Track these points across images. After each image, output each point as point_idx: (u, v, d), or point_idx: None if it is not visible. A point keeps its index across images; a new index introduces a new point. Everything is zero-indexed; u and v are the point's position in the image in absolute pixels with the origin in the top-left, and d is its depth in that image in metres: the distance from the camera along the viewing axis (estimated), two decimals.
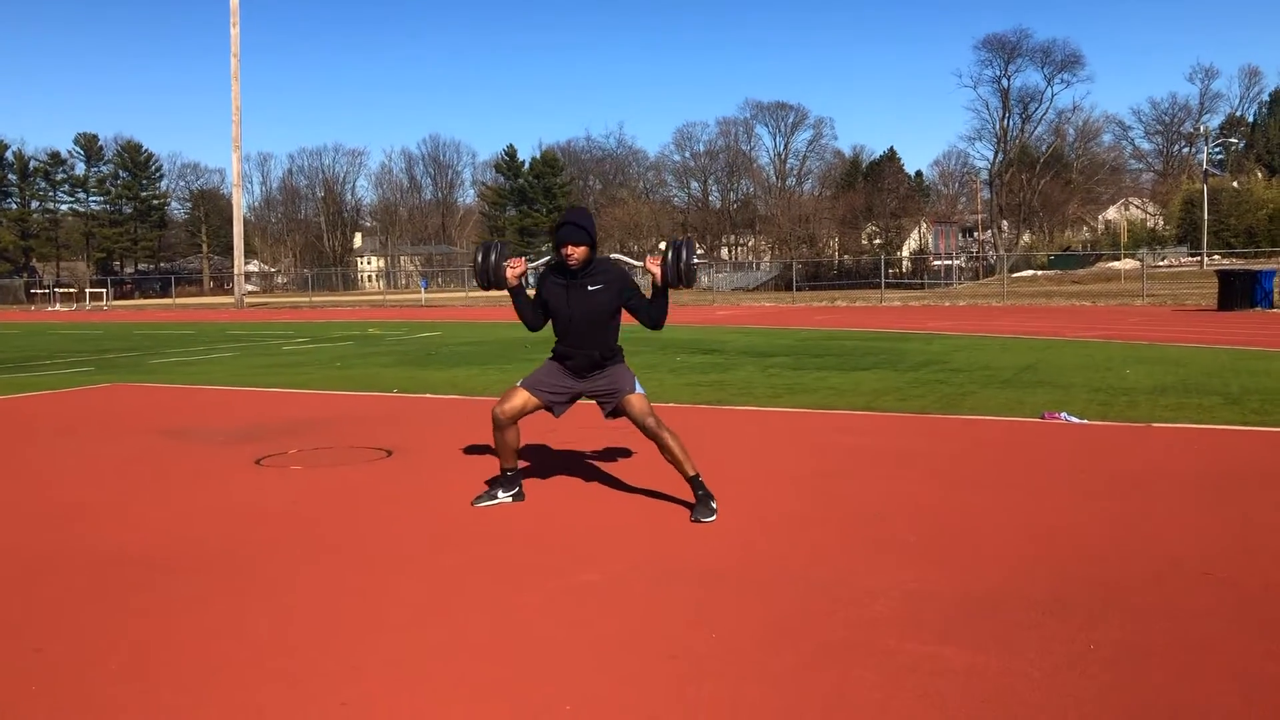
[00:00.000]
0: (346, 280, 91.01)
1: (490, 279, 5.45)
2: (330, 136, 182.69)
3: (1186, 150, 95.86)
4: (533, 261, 5.62)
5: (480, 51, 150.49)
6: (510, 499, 5.54)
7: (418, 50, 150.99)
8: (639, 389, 5.32)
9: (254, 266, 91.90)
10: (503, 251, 5.49)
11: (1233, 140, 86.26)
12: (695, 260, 5.26)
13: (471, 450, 7.22)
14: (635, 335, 19.76)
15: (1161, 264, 49.09)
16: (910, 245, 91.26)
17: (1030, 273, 56.10)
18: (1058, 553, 4.45)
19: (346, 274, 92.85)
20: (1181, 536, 4.65)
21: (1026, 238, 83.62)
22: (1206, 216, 67.85)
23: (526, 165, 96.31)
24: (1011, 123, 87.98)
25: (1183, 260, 64.10)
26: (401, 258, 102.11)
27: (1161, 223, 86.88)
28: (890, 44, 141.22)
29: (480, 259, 5.45)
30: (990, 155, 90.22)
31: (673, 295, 5.75)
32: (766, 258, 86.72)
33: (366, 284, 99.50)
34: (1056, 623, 3.59)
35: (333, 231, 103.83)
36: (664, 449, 5.21)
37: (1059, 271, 61.06)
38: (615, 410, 5.34)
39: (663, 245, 5.38)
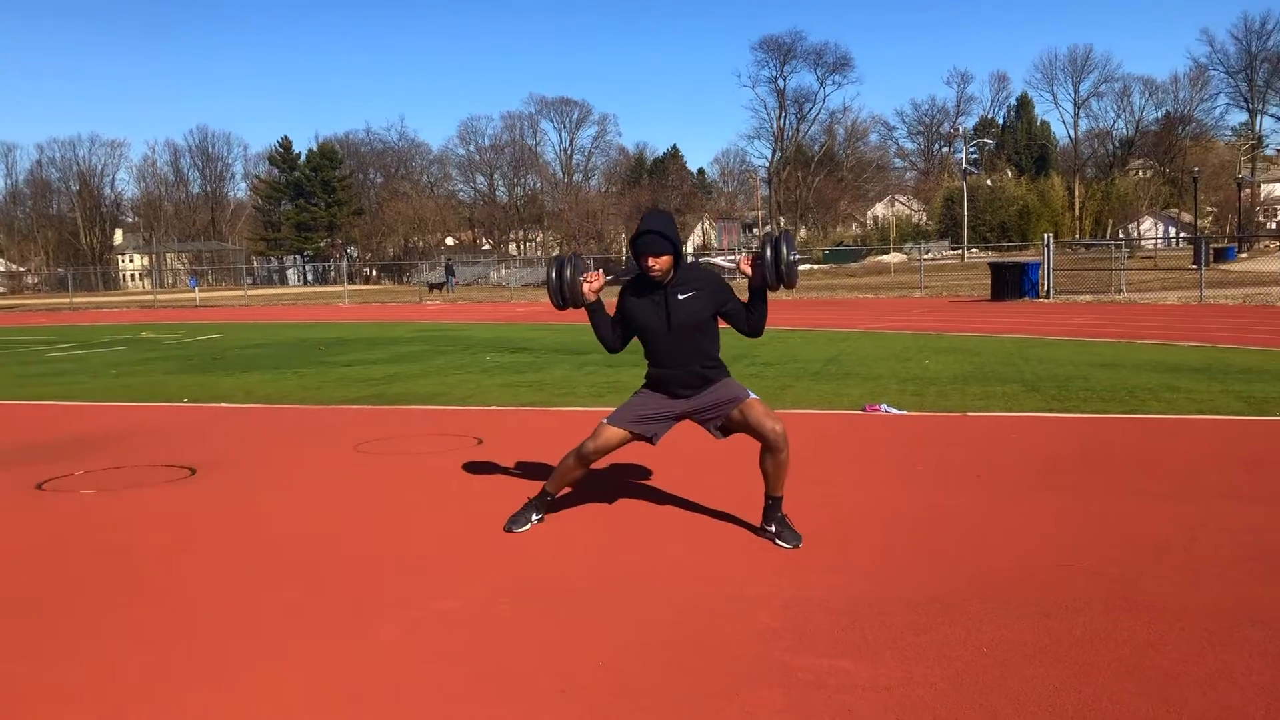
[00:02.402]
0: (108, 279, 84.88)
1: (566, 297, 4.80)
2: (86, 126, 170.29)
3: (945, 150, 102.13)
4: (610, 274, 4.95)
5: (251, 38, 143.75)
6: (538, 521, 4.97)
7: (184, 35, 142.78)
8: (752, 395, 4.77)
9: (1, 266, 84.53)
10: (577, 265, 4.84)
11: (987, 141, 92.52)
12: (796, 255, 4.68)
13: (285, 464, 6.68)
14: (443, 333, 19.28)
15: (927, 257, 51.89)
16: (694, 241, 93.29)
17: (808, 266, 58.28)
18: (921, 549, 4.43)
19: (107, 273, 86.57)
20: (1029, 527, 4.73)
21: (803, 233, 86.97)
22: (966, 212, 72.37)
23: (303, 158, 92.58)
24: (787, 122, 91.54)
25: (945, 254, 68.11)
26: (168, 255, 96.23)
27: (925, 218, 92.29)
28: (673, 43, 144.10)
29: (555, 276, 4.80)
30: (768, 153, 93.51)
31: (462, 293, 5.27)
32: (555, 253, 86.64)
33: (130, 283, 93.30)
34: (944, 625, 3.53)
35: (90, 228, 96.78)
36: (777, 461, 4.64)
37: (834, 265, 63.82)
38: (728, 426, 4.77)
39: (756, 244, 4.78)
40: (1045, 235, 26.39)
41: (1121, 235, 75.02)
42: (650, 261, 4.55)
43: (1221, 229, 77.04)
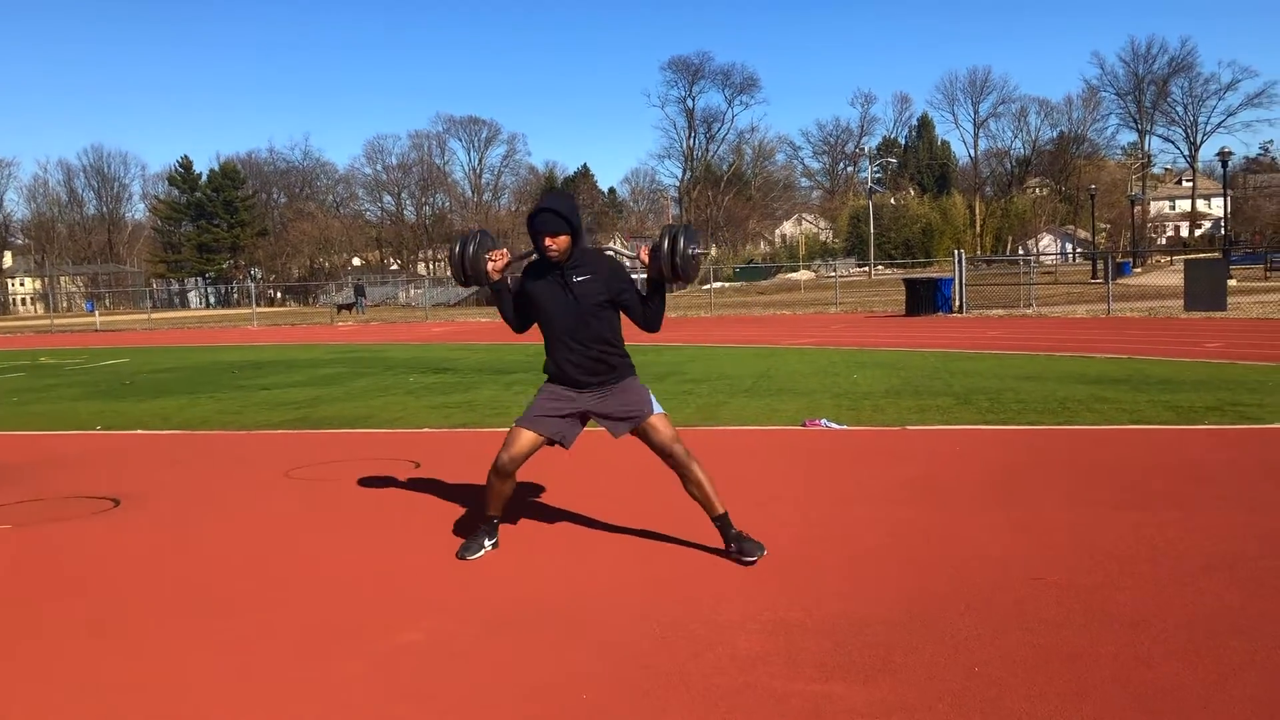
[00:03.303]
0: None
1: (468, 273, 4.67)
2: None
3: (850, 169, 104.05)
4: (519, 256, 4.73)
5: (149, 54, 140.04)
6: (492, 547, 4.77)
7: (78, 49, 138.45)
8: (658, 408, 4.64)
9: None
10: (482, 242, 4.70)
11: (891, 160, 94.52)
12: (697, 250, 4.51)
13: (215, 493, 6.37)
14: (361, 354, 18.82)
15: (832, 274, 52.70)
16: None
17: (720, 284, 58.71)
18: (889, 565, 4.37)
19: None
20: (993, 540, 4.70)
21: (713, 251, 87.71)
22: (873, 230, 73.76)
23: (204, 178, 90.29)
24: (697, 141, 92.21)
25: (852, 271, 69.28)
26: (62, 278, 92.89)
27: (832, 236, 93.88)
28: (582, 63, 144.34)
29: (457, 250, 4.67)
30: (679, 172, 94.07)
31: (373, 313, 5.06)
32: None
33: (21, 307, 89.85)
34: (930, 645, 3.45)
35: None
36: (691, 483, 4.56)
37: (744, 283, 64.44)
38: (631, 428, 4.62)
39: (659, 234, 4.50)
40: (956, 251, 26.96)
41: (1021, 251, 77.24)
42: (548, 241, 4.42)
43: (1116, 245, 79.76)
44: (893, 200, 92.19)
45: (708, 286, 47.02)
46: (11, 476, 7.15)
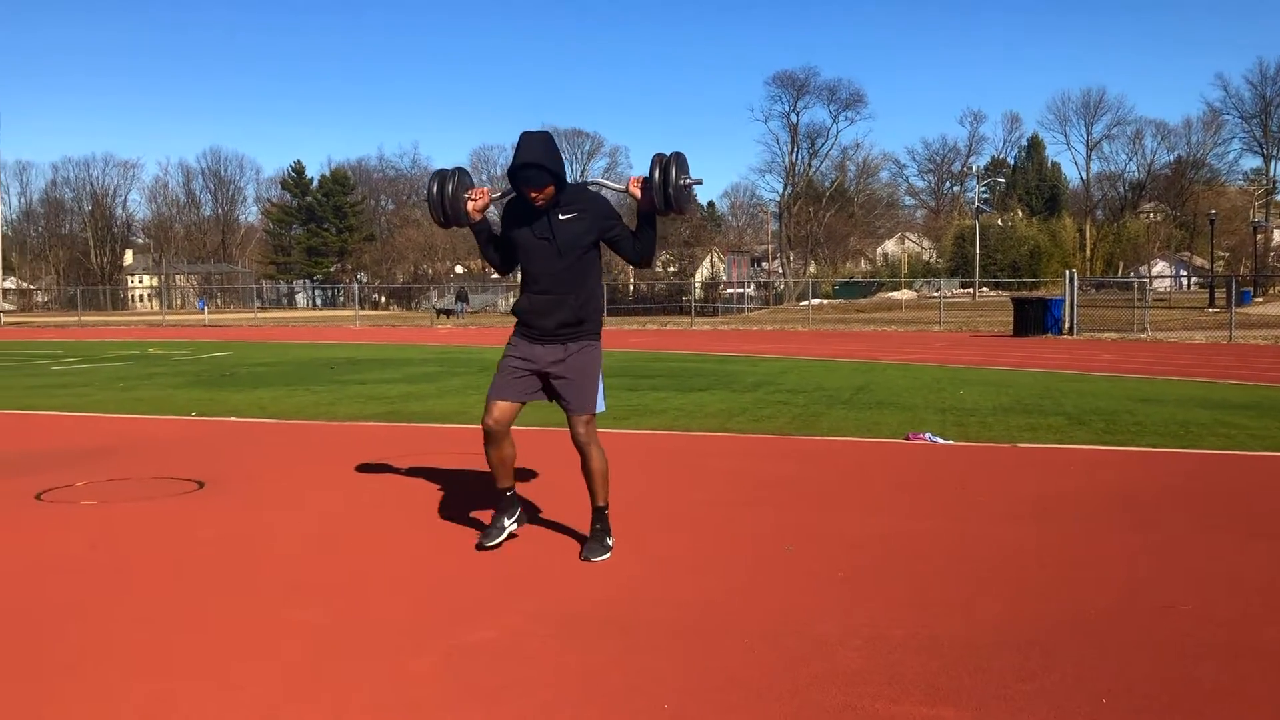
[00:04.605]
0: (116, 299, 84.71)
1: (447, 212, 4.49)
2: (100, 146, 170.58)
3: (956, 188, 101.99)
4: (498, 192, 4.57)
5: (267, 62, 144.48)
6: (516, 526, 4.63)
7: (199, 57, 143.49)
8: (600, 406, 4.47)
9: (12, 284, 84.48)
10: (461, 180, 4.53)
11: (999, 179, 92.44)
12: (689, 180, 4.32)
13: (300, 479, 6.28)
14: (455, 356, 18.92)
15: (935, 294, 51.54)
16: (702, 273, 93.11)
17: (818, 301, 57.97)
18: (1002, 585, 4.01)
19: (116, 293, 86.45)
20: (1118, 564, 4.31)
21: (812, 268, 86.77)
22: (978, 251, 72.16)
23: (315, 183, 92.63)
24: (799, 157, 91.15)
25: (955, 291, 67.85)
26: (177, 277, 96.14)
27: (935, 256, 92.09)
28: (686, 77, 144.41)
29: (435, 190, 4.49)
30: (779, 188, 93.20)
31: (472, 319, 4.88)
32: None
33: (138, 304, 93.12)
34: (1049, 672, 3.11)
35: (101, 248, 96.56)
36: (586, 463, 4.45)
37: (844, 300, 63.50)
38: (558, 401, 4.47)
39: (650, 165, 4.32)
40: (1068, 272, 26.01)
41: (1133, 276, 74.74)
42: (533, 194, 4.26)
43: (1235, 273, 76.70)
44: (1000, 221, 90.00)
45: (805, 302, 46.35)
46: (105, 457, 7.18)
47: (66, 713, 2.85)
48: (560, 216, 4.32)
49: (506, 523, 4.59)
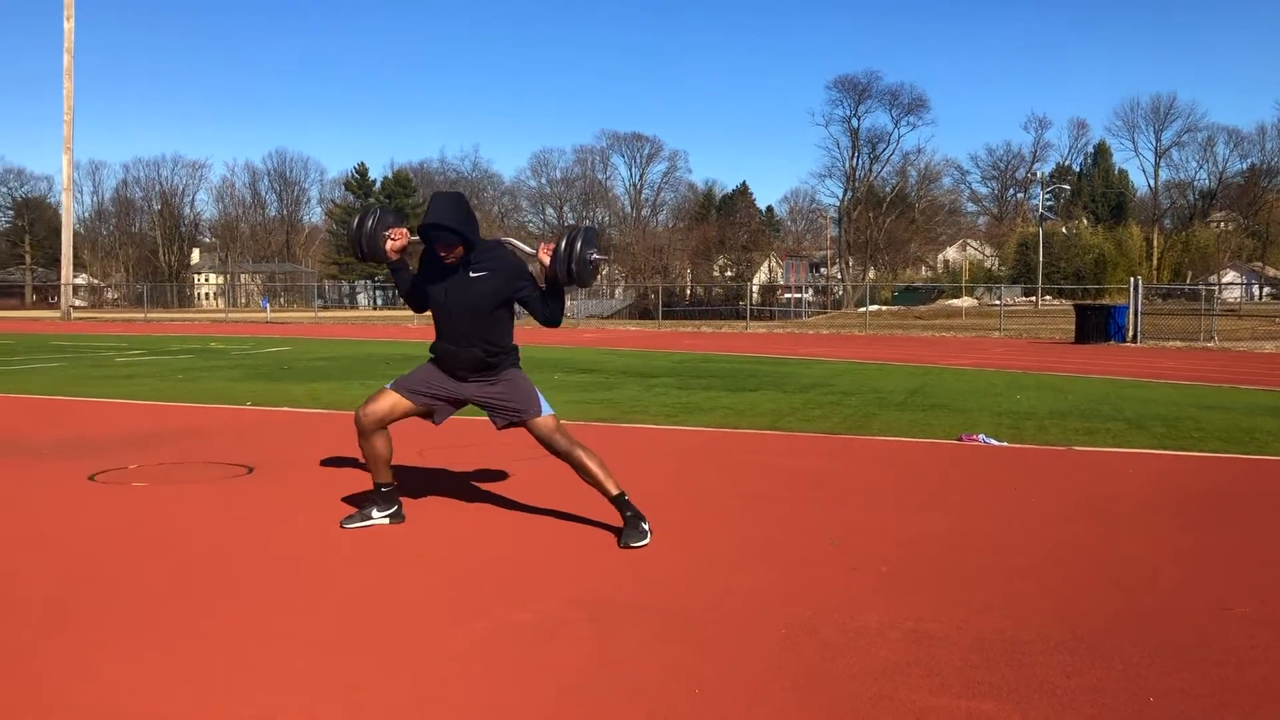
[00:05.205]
0: (183, 297, 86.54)
1: (365, 249, 4.63)
2: (169, 146, 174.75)
3: (1019, 196, 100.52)
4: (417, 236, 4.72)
5: (332, 66, 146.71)
6: (387, 519, 4.73)
7: (266, 60, 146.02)
8: (547, 409, 4.56)
9: (83, 280, 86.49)
10: (382, 219, 4.65)
11: (1064, 187, 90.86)
12: (595, 254, 4.43)
13: (348, 466, 6.32)
14: None
15: (996, 303, 50.67)
16: (760, 278, 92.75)
17: (876, 307, 57.36)
18: (1050, 583, 3.91)
19: (183, 290, 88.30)
20: (1170, 565, 4.19)
21: (871, 273, 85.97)
22: (1041, 258, 71.01)
23: (378, 185, 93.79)
24: (860, 162, 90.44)
25: (1017, 300, 66.80)
26: (242, 275, 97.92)
27: (997, 263, 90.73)
28: (746, 82, 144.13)
29: (356, 225, 4.66)
30: (839, 193, 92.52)
31: (528, 319, 4.92)
32: (620, 286, 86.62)
33: (204, 301, 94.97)
34: (1096, 669, 3.02)
35: (169, 246, 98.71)
36: (580, 469, 4.51)
37: (903, 307, 62.77)
38: (511, 424, 4.60)
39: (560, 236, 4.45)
40: (1133, 278, 25.47)
41: (1201, 285, 73.02)
42: (441, 252, 4.36)
43: None
44: (1064, 229, 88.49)
45: (863, 309, 45.94)
46: (160, 442, 7.30)
47: (97, 680, 2.88)
48: (471, 274, 4.42)
49: (375, 514, 4.72)
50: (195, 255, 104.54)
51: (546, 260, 4.42)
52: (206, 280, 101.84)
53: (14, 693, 2.79)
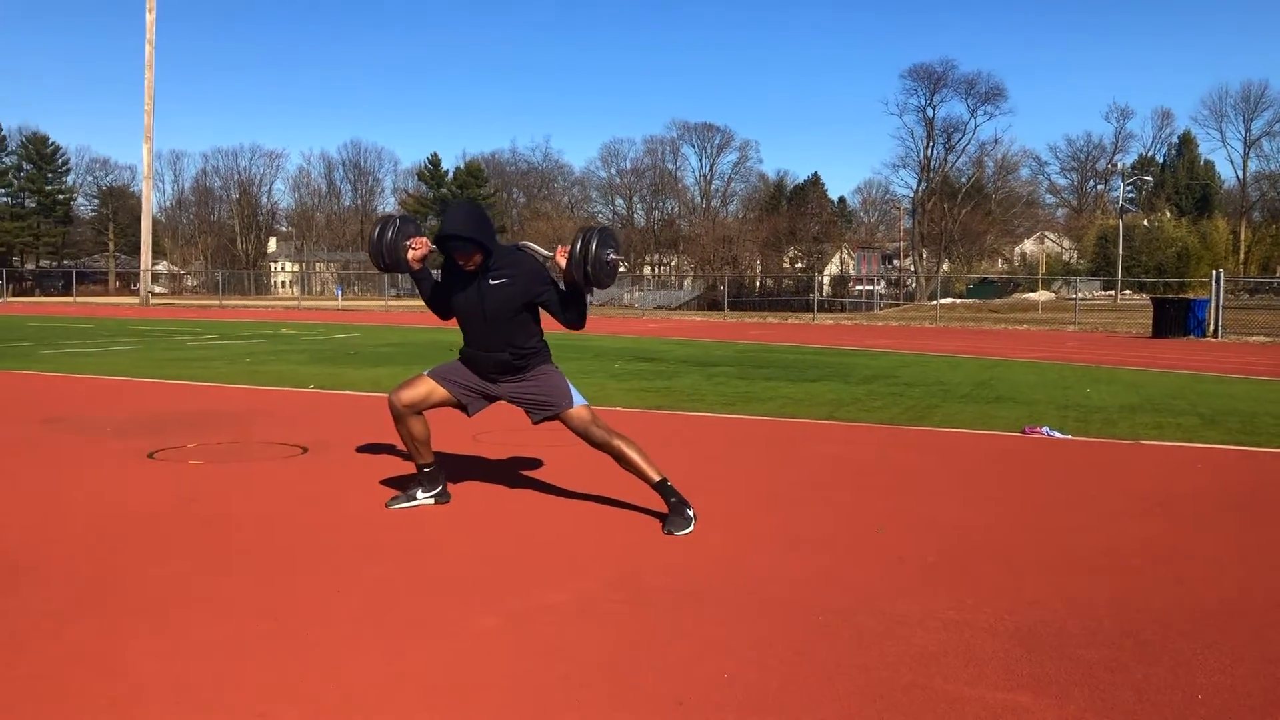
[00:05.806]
0: (260, 284, 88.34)
1: (386, 259, 4.60)
2: (247, 136, 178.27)
3: (1100, 187, 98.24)
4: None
5: (405, 57, 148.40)
6: (432, 500, 4.77)
7: (341, 52, 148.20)
8: (579, 400, 4.56)
9: (163, 267, 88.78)
10: (403, 228, 4.62)
11: (1146, 178, 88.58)
12: (611, 255, 4.35)
13: (402, 449, 6.37)
14: (571, 341, 19.05)
15: (1074, 296, 49.75)
16: (831, 269, 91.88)
17: (949, 300, 56.54)
18: (1102, 578, 3.79)
19: (260, 278, 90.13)
20: (1232, 563, 4.03)
21: (945, 266, 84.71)
22: (1121, 252, 69.36)
23: (450, 175, 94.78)
24: (935, 152, 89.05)
25: (1095, 294, 65.35)
26: (317, 264, 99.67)
27: (1075, 256, 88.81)
28: (818, 71, 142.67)
29: (376, 235, 4.61)
30: (913, 183, 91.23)
31: (594, 310, 4.89)
32: (688, 277, 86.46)
33: (280, 289, 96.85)
34: (1143, 665, 2.91)
35: (246, 235, 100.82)
36: (621, 459, 4.51)
37: (977, 300, 61.75)
38: (546, 419, 4.61)
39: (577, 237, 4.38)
40: (1215, 271, 24.71)
41: None
42: (461, 261, 4.39)
43: None
44: (1146, 222, 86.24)
45: (935, 302, 45.27)
46: (221, 422, 7.43)
47: (137, 649, 2.92)
48: (490, 281, 4.41)
49: (420, 494, 4.77)
50: (272, 244, 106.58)
51: (562, 263, 4.39)
52: (282, 269, 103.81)
53: (54, 661, 2.84)
